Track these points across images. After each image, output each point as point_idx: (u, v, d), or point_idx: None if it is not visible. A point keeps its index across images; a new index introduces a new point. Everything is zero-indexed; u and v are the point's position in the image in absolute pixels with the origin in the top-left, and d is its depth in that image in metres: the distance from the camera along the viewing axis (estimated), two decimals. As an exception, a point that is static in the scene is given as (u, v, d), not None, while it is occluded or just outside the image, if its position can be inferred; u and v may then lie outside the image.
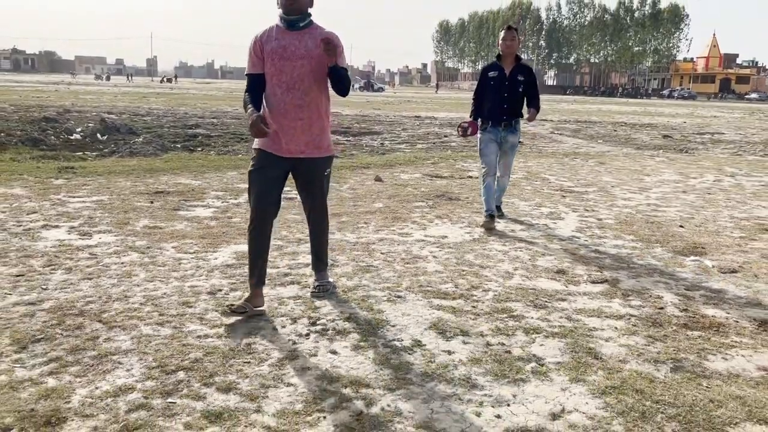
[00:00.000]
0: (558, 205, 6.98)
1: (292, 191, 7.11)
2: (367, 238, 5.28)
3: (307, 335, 3.29)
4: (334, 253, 4.71)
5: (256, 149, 3.59)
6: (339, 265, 4.50)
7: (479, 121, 5.95)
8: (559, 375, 2.92)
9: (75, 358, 2.93)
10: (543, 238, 5.50)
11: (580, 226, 6.02)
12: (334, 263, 4.49)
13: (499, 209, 6.24)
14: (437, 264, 4.62)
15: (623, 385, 2.82)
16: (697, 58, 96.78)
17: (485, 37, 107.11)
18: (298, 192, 3.82)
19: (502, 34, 5.89)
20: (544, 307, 3.80)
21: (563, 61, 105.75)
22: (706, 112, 35.98)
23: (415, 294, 3.95)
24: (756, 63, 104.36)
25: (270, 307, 3.65)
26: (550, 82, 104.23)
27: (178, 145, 12.22)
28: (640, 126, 21.92)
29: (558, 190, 7.97)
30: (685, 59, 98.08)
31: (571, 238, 5.55)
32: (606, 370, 2.98)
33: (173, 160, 9.72)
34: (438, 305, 3.77)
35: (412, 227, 5.72)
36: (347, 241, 5.16)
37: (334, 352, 3.09)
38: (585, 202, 7.20)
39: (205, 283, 4.03)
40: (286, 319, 3.49)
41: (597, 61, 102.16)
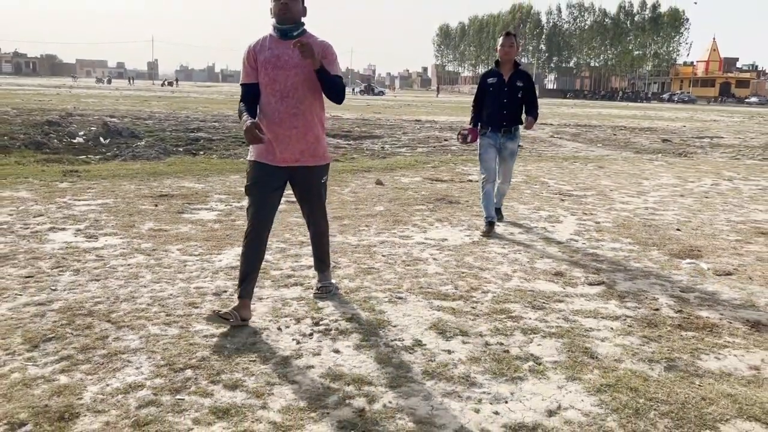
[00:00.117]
0: (557, 209, 7.07)
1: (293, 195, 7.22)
2: (368, 240, 5.37)
3: (311, 335, 3.38)
4: (336, 256, 4.80)
5: (251, 161, 3.58)
6: (341, 267, 4.59)
7: (479, 126, 5.98)
8: (556, 373, 3.01)
9: (85, 357, 3.02)
10: (541, 241, 5.59)
11: (578, 229, 6.11)
12: (336, 265, 4.58)
13: (499, 212, 6.27)
14: (437, 266, 4.71)
15: (618, 384, 2.91)
16: (697, 62, 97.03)
17: (485, 41, 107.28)
18: (296, 200, 3.86)
19: (500, 40, 5.91)
20: (541, 308, 3.89)
21: (563, 65, 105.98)
22: (706, 116, 36.11)
23: (416, 295, 4.04)
24: (756, 67, 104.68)
25: (274, 308, 3.74)
26: (551, 86, 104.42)
27: (181, 149, 12.33)
28: (639, 130, 22.03)
29: (557, 194, 8.06)
30: (685, 63, 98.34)
31: (569, 241, 5.64)
32: (601, 369, 3.06)
33: (176, 163, 9.82)
34: (438, 306, 3.86)
35: (413, 230, 5.81)
36: (349, 243, 5.25)
37: (337, 351, 3.18)
38: (583, 206, 7.29)
39: (210, 284, 4.12)
40: (290, 320, 3.58)
41: (597, 64, 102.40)
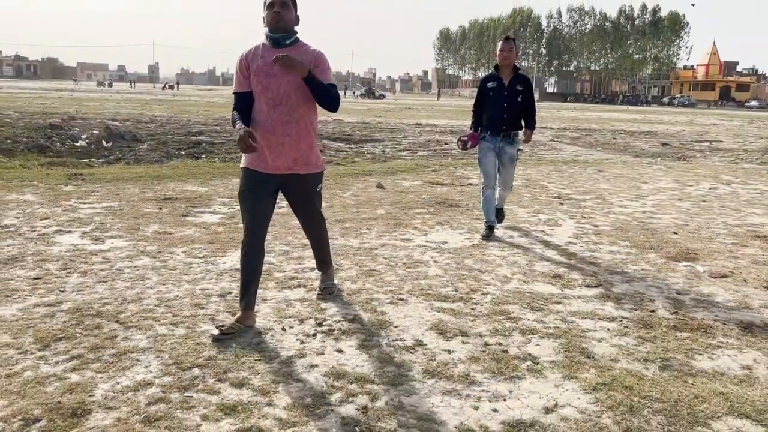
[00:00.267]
0: (556, 212, 7.16)
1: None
2: (370, 243, 5.45)
3: (314, 335, 3.47)
4: (338, 258, 4.89)
5: (243, 168, 3.60)
6: (343, 269, 4.67)
7: (479, 131, 5.96)
8: (553, 372, 3.09)
9: (95, 356, 3.10)
10: (540, 244, 5.68)
11: (576, 232, 6.19)
12: (338, 267, 4.66)
13: (500, 212, 6.19)
14: (438, 268, 4.80)
15: (613, 382, 2.99)
16: (697, 65, 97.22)
17: (486, 45, 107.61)
18: (291, 208, 3.86)
19: (499, 45, 5.92)
20: (540, 309, 3.97)
21: (564, 69, 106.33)
22: (706, 120, 36.21)
23: (417, 297, 4.13)
24: (756, 71, 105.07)
25: (278, 309, 3.83)
26: (551, 90, 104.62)
27: (183, 152, 12.41)
28: (639, 134, 22.12)
29: (556, 198, 8.15)
30: (685, 67, 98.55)
31: (567, 244, 5.72)
32: (597, 369, 3.14)
33: (179, 167, 9.91)
34: (438, 307, 3.94)
35: (414, 233, 5.90)
36: (351, 246, 5.33)
37: (340, 351, 3.27)
38: (582, 210, 7.38)
39: (215, 286, 4.21)
40: (294, 320, 3.66)
41: (597, 68, 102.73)
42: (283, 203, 3.86)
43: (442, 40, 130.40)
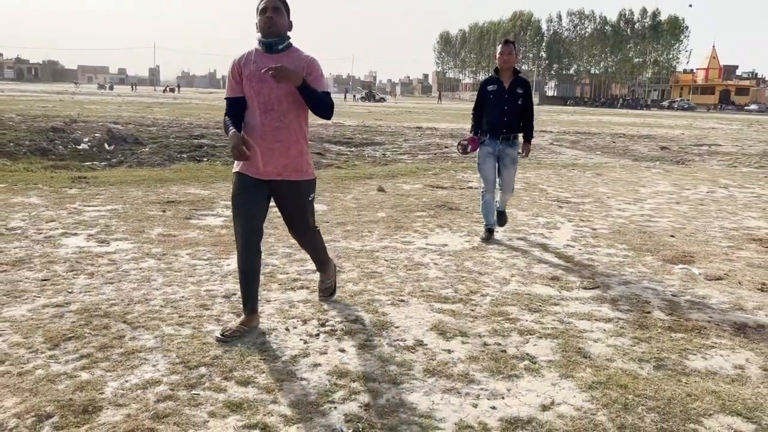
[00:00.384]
0: (554, 215, 7.24)
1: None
2: (371, 246, 5.54)
3: (317, 335, 3.55)
4: (340, 260, 4.97)
5: (236, 173, 3.60)
6: (345, 271, 4.76)
7: (479, 134, 5.96)
8: (550, 372, 3.17)
9: (104, 355, 3.19)
10: (539, 247, 5.76)
11: (575, 235, 6.28)
12: (340, 269, 4.74)
13: (502, 215, 6.15)
14: (438, 270, 4.88)
15: (609, 381, 3.07)
16: (696, 69, 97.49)
17: (486, 48, 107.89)
18: (282, 217, 3.78)
19: (499, 48, 5.92)
20: (538, 310, 4.06)
21: (564, 72, 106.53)
22: (705, 124, 36.32)
23: (417, 298, 4.21)
24: (755, 74, 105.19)
25: (281, 310, 3.91)
26: (551, 93, 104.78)
27: (185, 156, 12.49)
28: (638, 137, 22.22)
29: (555, 201, 8.24)
30: (684, 71, 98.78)
31: (565, 247, 5.81)
32: (593, 368, 3.23)
33: (182, 170, 10.00)
34: (439, 308, 4.03)
35: (414, 236, 5.98)
36: (352, 248, 5.42)
37: (342, 351, 3.35)
38: (580, 213, 7.46)
39: (219, 287, 4.30)
40: (297, 321, 3.75)
41: (597, 72, 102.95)
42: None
43: (442, 43, 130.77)
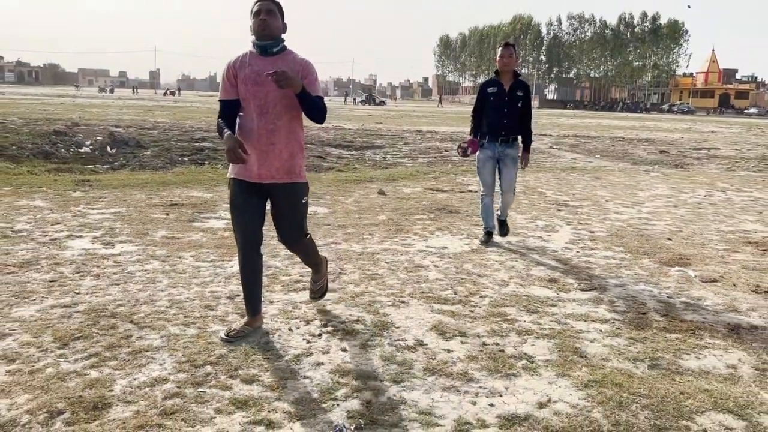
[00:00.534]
0: (553, 219, 7.33)
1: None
2: (372, 248, 5.62)
3: (320, 335, 3.63)
4: (341, 263, 5.06)
5: (231, 178, 3.61)
6: (347, 273, 4.84)
7: (478, 137, 5.99)
8: (547, 371, 3.26)
9: (112, 354, 3.27)
10: (537, 250, 5.85)
11: (573, 238, 6.36)
12: (342, 271, 4.83)
13: (504, 224, 6.12)
14: (438, 272, 4.97)
15: (604, 380, 3.15)
16: (696, 73, 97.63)
17: (486, 52, 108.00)
18: (273, 220, 3.72)
19: (499, 51, 5.94)
20: (535, 311, 4.14)
21: (563, 76, 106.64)
22: (704, 127, 36.43)
23: (418, 299, 4.29)
24: (755, 78, 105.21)
25: (284, 310, 4.00)
26: (551, 97, 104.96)
27: (186, 159, 12.58)
28: (637, 141, 22.32)
29: (554, 204, 8.32)
30: (684, 74, 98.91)
31: (563, 249, 5.89)
32: (589, 367, 3.31)
33: (184, 173, 10.09)
34: (438, 309, 4.11)
35: (415, 238, 6.07)
36: (354, 251, 5.50)
37: (344, 350, 3.43)
38: (579, 216, 7.54)
39: (223, 288, 4.38)
40: (300, 321, 3.83)
41: (597, 75, 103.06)
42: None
43: (442, 47, 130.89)
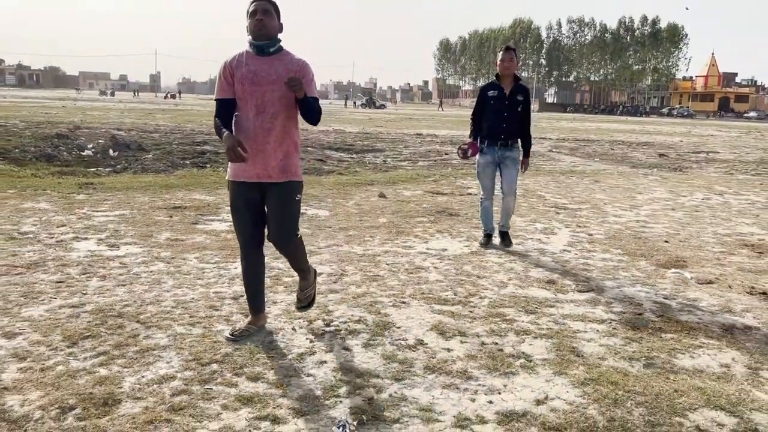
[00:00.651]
0: (552, 221, 7.41)
1: (301, 206, 7.55)
2: (373, 250, 5.70)
3: (323, 334, 3.71)
4: (343, 264, 5.15)
5: (230, 181, 3.64)
6: (348, 274, 4.92)
7: (478, 140, 6.03)
8: (545, 369, 3.34)
9: (120, 352, 3.35)
10: (536, 252, 5.93)
11: (571, 240, 6.44)
12: (343, 273, 4.92)
13: (506, 236, 6.09)
14: (438, 274, 5.05)
15: (600, 378, 3.23)
16: (696, 76, 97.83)
17: (486, 55, 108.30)
18: (267, 218, 3.66)
19: (500, 55, 5.98)
20: (534, 312, 4.22)
21: (563, 79, 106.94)
22: (704, 131, 36.52)
23: (418, 300, 4.38)
24: (755, 82, 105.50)
25: (287, 311, 4.08)
26: (550, 100, 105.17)
27: (188, 162, 12.66)
28: (637, 144, 22.41)
29: (553, 207, 8.41)
30: (684, 78, 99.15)
31: (562, 251, 5.97)
32: (586, 366, 3.39)
33: (186, 176, 10.18)
34: (439, 310, 4.19)
35: (415, 241, 6.15)
36: (355, 253, 5.58)
37: (347, 349, 3.51)
38: (577, 219, 7.63)
39: (228, 289, 4.46)
40: (303, 321, 3.91)
41: (597, 79, 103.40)
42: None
43: (442, 50, 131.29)
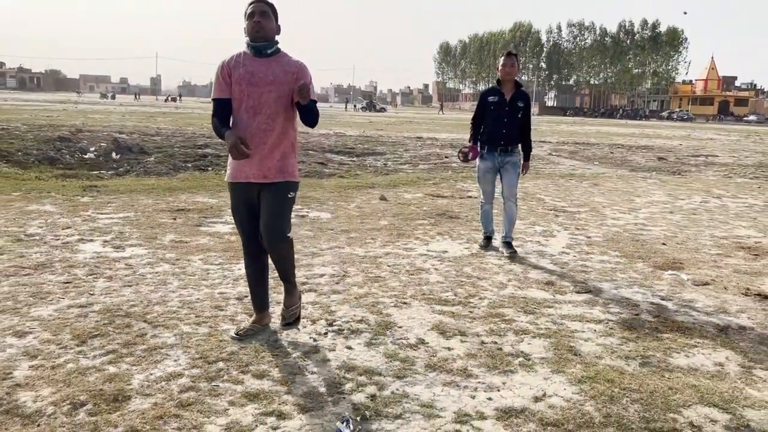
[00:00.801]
0: (551, 224, 7.50)
1: (303, 209, 7.65)
2: (374, 252, 5.79)
3: (326, 334, 3.80)
4: (345, 266, 5.23)
5: (229, 183, 3.67)
6: (350, 275, 5.01)
7: (478, 144, 6.07)
8: (543, 367, 3.42)
9: (128, 351, 3.43)
10: (535, 254, 6.01)
11: (570, 243, 6.53)
12: (345, 274, 5.00)
13: (510, 246, 5.98)
14: (438, 275, 5.13)
15: (597, 376, 3.32)
16: (695, 80, 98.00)
17: (486, 59, 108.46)
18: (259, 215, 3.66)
19: (501, 60, 5.99)
20: (532, 312, 4.31)
21: (563, 83, 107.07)
22: (703, 135, 36.64)
23: (419, 301, 4.46)
24: (754, 85, 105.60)
25: (291, 311, 4.16)
26: (550, 104, 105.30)
27: (189, 165, 12.75)
28: (636, 148, 22.50)
29: (552, 210, 8.49)
30: (684, 81, 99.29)
31: (561, 254, 6.05)
32: (583, 364, 3.47)
33: (188, 179, 10.27)
34: (439, 310, 4.27)
35: (416, 243, 6.23)
36: (357, 254, 5.67)
37: (349, 348, 3.59)
38: (576, 222, 7.71)
39: (232, 290, 4.54)
40: (306, 321, 3.99)
41: (597, 82, 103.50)
42: (294, 213, 4.17)
43: (442, 53, 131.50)
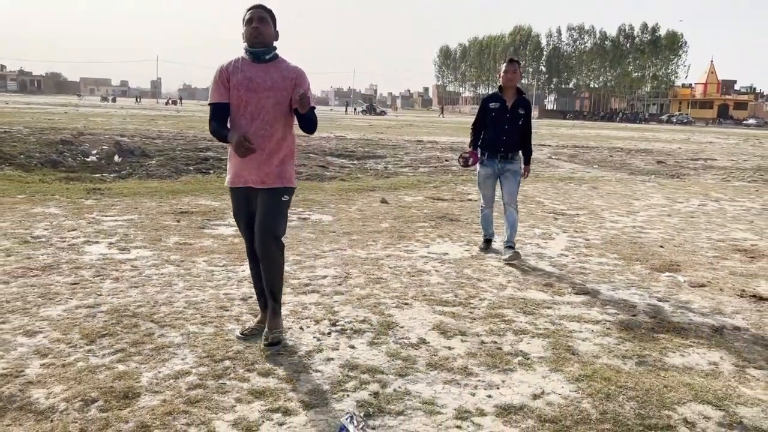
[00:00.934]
0: (550, 227, 7.58)
1: (305, 211, 7.73)
2: (376, 254, 5.87)
3: (329, 334, 3.88)
4: (347, 267, 5.32)
5: (229, 188, 3.73)
6: (352, 277, 5.09)
7: (478, 150, 6.10)
8: (541, 366, 3.50)
9: (137, 350, 3.51)
10: (534, 256, 6.10)
11: (568, 245, 6.61)
12: (347, 275, 5.09)
13: (512, 249, 5.90)
14: (439, 277, 5.22)
15: (594, 375, 3.40)
16: (695, 84, 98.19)
17: (486, 62, 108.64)
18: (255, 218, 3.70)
19: (503, 67, 5.93)
20: (531, 313, 4.39)
21: (563, 86, 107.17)
22: (702, 138, 36.74)
23: (420, 302, 4.54)
24: (754, 89, 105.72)
25: (295, 311, 4.24)
26: (550, 107, 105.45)
27: (191, 168, 12.85)
28: (635, 151, 22.60)
29: (551, 213, 8.58)
30: (683, 85, 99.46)
31: (559, 256, 6.14)
32: (581, 363, 3.55)
33: (191, 182, 10.36)
34: (440, 311, 4.36)
35: (417, 245, 6.32)
36: (358, 256, 5.75)
37: (352, 347, 3.68)
38: (575, 224, 7.80)
39: (237, 291, 4.63)
40: (310, 321, 4.08)
41: (597, 86, 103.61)
42: (295, 215, 4.25)
43: (442, 57, 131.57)
